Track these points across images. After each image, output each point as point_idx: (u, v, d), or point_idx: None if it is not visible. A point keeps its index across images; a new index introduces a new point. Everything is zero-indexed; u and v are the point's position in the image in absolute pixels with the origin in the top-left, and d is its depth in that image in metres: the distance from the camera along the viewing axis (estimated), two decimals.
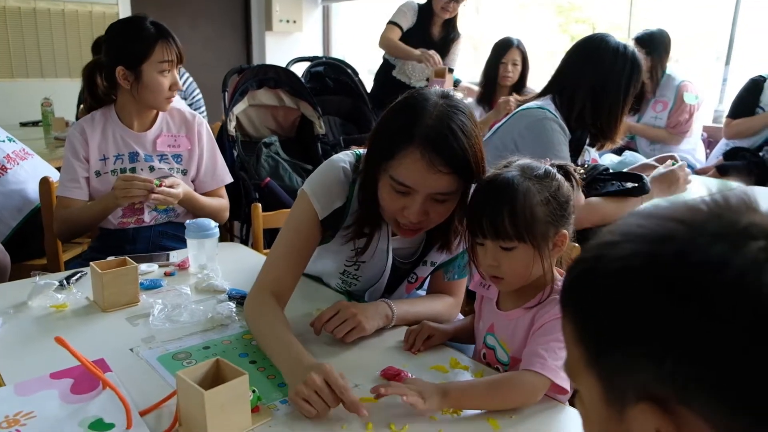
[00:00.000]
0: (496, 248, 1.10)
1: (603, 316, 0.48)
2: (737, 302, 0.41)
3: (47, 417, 0.95)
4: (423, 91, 1.21)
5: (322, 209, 1.31)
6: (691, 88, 3.44)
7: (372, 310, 1.27)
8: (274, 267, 1.31)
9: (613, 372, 0.48)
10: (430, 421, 0.97)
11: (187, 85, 3.58)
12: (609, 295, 0.48)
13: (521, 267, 1.11)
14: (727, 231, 0.44)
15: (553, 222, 1.10)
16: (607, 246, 0.49)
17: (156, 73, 1.83)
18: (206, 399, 0.87)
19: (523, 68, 3.53)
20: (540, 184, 1.09)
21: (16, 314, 1.35)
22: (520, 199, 1.07)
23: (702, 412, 0.43)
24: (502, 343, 1.18)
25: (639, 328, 0.45)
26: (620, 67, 1.81)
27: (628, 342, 0.46)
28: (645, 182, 1.80)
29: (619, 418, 0.48)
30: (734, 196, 0.47)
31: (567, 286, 0.54)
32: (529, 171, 1.11)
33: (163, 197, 1.78)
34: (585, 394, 0.53)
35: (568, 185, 1.14)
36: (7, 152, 2.35)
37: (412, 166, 1.15)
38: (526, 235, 1.07)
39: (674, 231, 0.46)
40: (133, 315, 1.35)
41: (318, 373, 0.98)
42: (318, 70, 3.28)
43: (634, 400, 0.46)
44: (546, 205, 1.08)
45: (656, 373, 0.44)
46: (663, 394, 0.44)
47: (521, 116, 1.89)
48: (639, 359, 0.45)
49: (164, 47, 1.83)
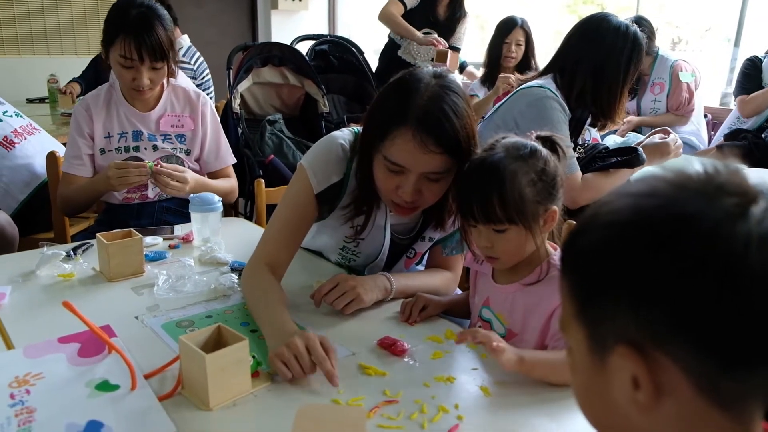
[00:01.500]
0: (488, 231, 1.12)
1: (589, 266, 0.51)
2: (709, 252, 0.44)
3: (55, 378, 0.99)
4: (416, 71, 1.23)
5: (318, 183, 1.34)
6: (685, 66, 3.45)
7: (371, 283, 1.30)
8: (270, 241, 1.34)
9: (596, 320, 0.51)
10: (423, 387, 1.00)
11: (198, 64, 3.59)
12: (595, 246, 0.51)
13: (514, 247, 1.13)
14: (706, 189, 0.47)
15: (542, 201, 1.11)
16: (602, 205, 0.52)
17: (117, 63, 1.80)
18: (207, 362, 0.90)
19: (528, 48, 3.52)
20: (526, 164, 1.10)
21: (24, 283, 1.39)
22: (508, 182, 1.08)
23: (674, 355, 0.46)
24: (498, 316, 1.21)
25: (619, 275, 0.48)
26: (621, 47, 1.82)
27: (609, 289, 0.49)
28: (639, 153, 1.82)
29: (601, 365, 0.51)
30: (721, 164, 0.49)
31: (565, 245, 0.56)
32: (515, 151, 1.11)
33: (166, 179, 1.75)
34: (574, 347, 0.55)
35: (554, 159, 1.14)
36: (14, 127, 2.38)
37: (404, 146, 1.17)
38: (516, 217, 1.09)
39: (659, 188, 0.49)
40: (138, 285, 1.39)
41: (300, 339, 1.00)
42: (323, 49, 3.29)
43: (613, 345, 0.49)
44: (534, 186, 1.10)
45: (634, 319, 0.47)
46: (639, 338, 0.47)
47: (522, 95, 1.90)
48: (618, 306, 0.48)
49: (124, 43, 1.75)
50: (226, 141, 2.08)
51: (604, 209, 0.52)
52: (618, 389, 0.50)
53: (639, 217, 0.48)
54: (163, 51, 1.79)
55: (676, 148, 1.97)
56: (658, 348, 0.46)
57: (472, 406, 0.96)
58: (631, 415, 0.50)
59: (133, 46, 1.75)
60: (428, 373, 1.05)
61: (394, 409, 0.94)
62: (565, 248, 0.56)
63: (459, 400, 0.97)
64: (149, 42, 1.76)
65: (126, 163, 1.76)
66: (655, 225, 0.47)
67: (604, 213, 0.51)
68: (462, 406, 0.95)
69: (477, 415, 0.94)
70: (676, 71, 3.44)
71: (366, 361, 1.08)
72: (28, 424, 0.87)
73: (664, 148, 1.94)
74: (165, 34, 1.80)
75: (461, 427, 0.90)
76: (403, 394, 0.98)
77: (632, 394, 0.48)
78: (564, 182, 1.15)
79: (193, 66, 3.51)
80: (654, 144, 1.98)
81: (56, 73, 4.22)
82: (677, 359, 0.46)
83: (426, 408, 0.94)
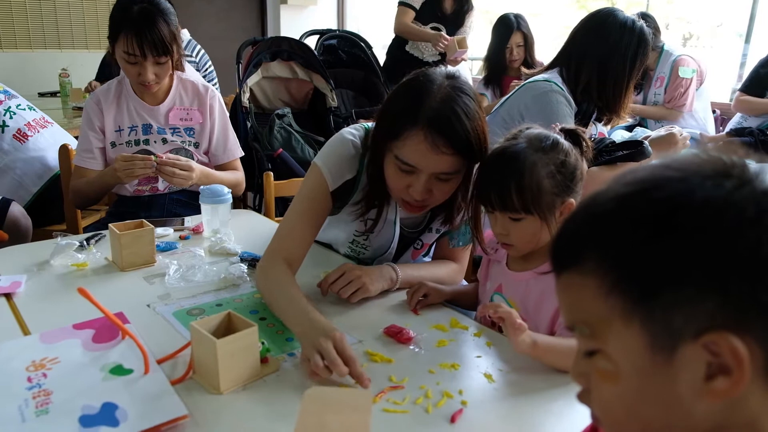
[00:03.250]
0: (504, 218, 1.16)
1: (656, 255, 0.47)
2: None
3: (71, 362, 1.02)
4: (429, 72, 1.25)
5: (333, 181, 1.36)
6: (687, 62, 3.45)
7: (377, 273, 1.32)
8: (286, 235, 1.35)
9: (666, 312, 0.47)
10: (428, 373, 1.03)
11: (200, 57, 3.62)
12: (645, 235, 0.47)
13: (529, 236, 1.17)
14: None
15: (560, 193, 1.14)
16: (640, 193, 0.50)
17: (122, 59, 1.82)
18: (218, 347, 0.93)
19: (527, 45, 3.53)
20: (547, 156, 1.13)
21: (39, 272, 1.42)
22: (527, 173, 1.11)
23: (759, 336, 0.45)
24: (510, 302, 1.23)
25: (704, 258, 0.46)
26: (627, 42, 1.83)
27: (681, 277, 0.46)
28: (645, 146, 1.83)
29: (664, 363, 0.48)
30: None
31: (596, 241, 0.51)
32: (537, 142, 1.15)
33: (171, 169, 1.77)
34: (617, 351, 0.50)
35: (576, 153, 1.17)
36: (27, 120, 2.42)
37: (416, 147, 1.19)
38: (532, 207, 1.12)
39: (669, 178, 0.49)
40: (150, 274, 1.42)
41: (328, 340, 0.99)
42: (331, 43, 3.31)
43: (692, 336, 0.46)
44: (552, 178, 1.13)
45: (720, 303, 0.45)
46: (726, 323, 0.45)
47: (528, 88, 1.92)
48: (699, 292, 0.46)
49: (127, 39, 1.77)
50: (234, 134, 2.10)
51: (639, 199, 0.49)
52: (687, 383, 0.47)
53: (721, 199, 0.46)
54: (166, 46, 1.80)
55: (682, 139, 1.98)
56: (744, 331, 0.45)
57: (475, 392, 0.98)
58: (696, 410, 0.48)
59: (135, 42, 1.77)
60: (433, 360, 1.07)
61: (399, 395, 0.96)
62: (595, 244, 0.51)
63: (463, 386, 0.99)
64: (151, 38, 1.77)
65: (132, 156, 1.79)
66: (740, 203, 0.46)
67: (650, 200, 0.49)
68: (466, 391, 0.98)
69: (481, 401, 0.96)
70: (677, 66, 3.46)
71: (372, 348, 1.10)
72: (46, 405, 0.90)
73: (671, 139, 1.95)
74: (168, 28, 1.80)
75: (465, 411, 0.93)
76: (408, 380, 1.00)
77: (704, 386, 0.46)
78: (583, 175, 1.17)
79: (195, 59, 3.54)
80: (660, 137, 1.99)
81: (68, 68, 4.26)
82: (759, 340, 0.45)
83: (431, 393, 0.97)
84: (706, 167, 0.49)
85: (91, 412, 0.88)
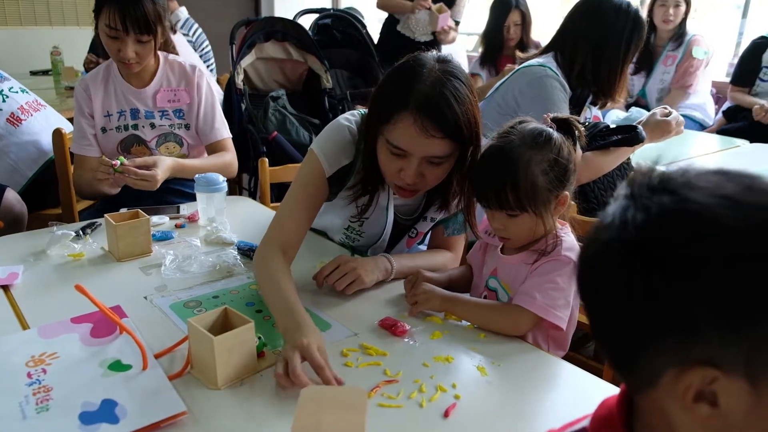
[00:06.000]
0: (501, 215, 1.19)
1: (738, 286, 0.44)
2: None
3: (70, 358, 1.03)
4: (420, 56, 1.24)
5: (329, 166, 1.36)
6: (701, 42, 3.41)
7: (371, 264, 1.33)
8: (282, 222, 1.35)
9: (762, 339, 0.44)
10: (423, 367, 1.05)
11: (197, 36, 3.58)
12: (738, 264, 0.44)
13: (525, 230, 1.20)
14: None
15: (553, 189, 1.17)
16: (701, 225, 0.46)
17: (104, 33, 1.79)
18: (215, 344, 0.94)
19: (525, 25, 3.50)
20: (541, 153, 1.15)
21: (36, 262, 1.42)
22: (521, 172, 1.13)
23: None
24: (504, 285, 1.27)
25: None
26: (621, 26, 1.82)
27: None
28: (639, 131, 1.84)
29: (758, 395, 0.46)
30: None
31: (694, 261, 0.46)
32: (531, 139, 1.16)
33: (133, 179, 1.68)
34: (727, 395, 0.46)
35: (569, 144, 1.19)
36: (20, 103, 2.39)
37: (405, 130, 1.19)
38: (528, 205, 1.15)
39: None
40: (146, 265, 1.43)
41: (295, 349, 0.98)
42: (325, 23, 3.27)
43: None
44: (546, 175, 1.15)
45: None
46: None
47: (522, 73, 1.91)
48: None
49: (109, 12, 1.74)
50: (221, 113, 2.05)
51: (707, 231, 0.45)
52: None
53: None
54: (149, 24, 1.76)
55: (677, 125, 1.98)
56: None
57: (469, 386, 1.00)
58: None
59: (118, 16, 1.73)
60: (427, 353, 1.09)
61: (394, 389, 0.98)
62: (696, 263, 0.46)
63: (457, 379, 1.01)
64: (134, 13, 1.73)
65: (102, 159, 1.73)
66: None
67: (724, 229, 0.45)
68: (459, 385, 0.99)
69: (474, 394, 0.98)
70: (691, 45, 3.40)
71: (368, 341, 1.12)
72: (46, 402, 0.91)
73: (665, 126, 1.95)
74: (153, 7, 1.77)
75: (458, 405, 0.95)
76: (402, 374, 1.02)
77: None
78: (576, 167, 1.20)
79: (192, 38, 3.50)
80: (655, 122, 1.99)
81: (59, 45, 4.20)
82: None
83: (425, 387, 0.99)
84: None
85: (91, 409, 0.90)
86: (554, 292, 1.14)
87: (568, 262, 1.16)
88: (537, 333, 1.21)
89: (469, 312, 1.20)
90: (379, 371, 1.03)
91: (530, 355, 1.11)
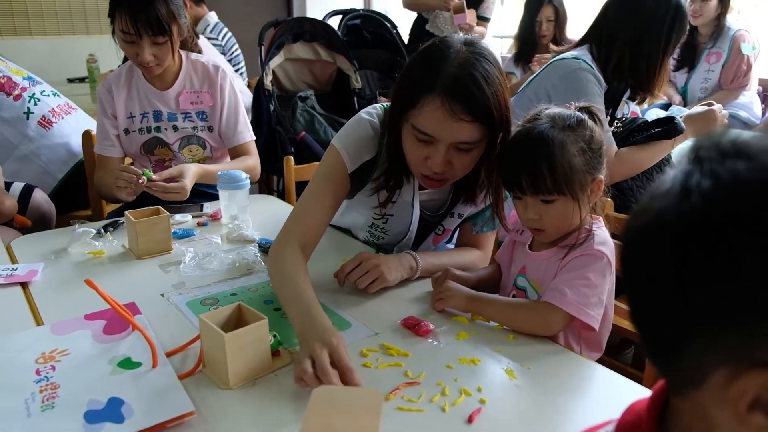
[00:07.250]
0: (536, 202, 1.12)
1: None
2: None
3: (80, 354, 1.00)
4: (446, 38, 1.19)
5: (351, 162, 1.31)
6: (747, 38, 3.25)
7: (395, 262, 1.28)
8: (301, 216, 1.30)
9: None
10: (446, 369, 0.98)
11: (226, 40, 3.59)
12: None
13: (562, 218, 1.13)
14: None
15: (590, 170, 1.11)
16: None
17: (120, 39, 1.77)
18: (226, 341, 0.90)
19: (558, 21, 3.41)
20: (574, 132, 1.10)
21: (56, 260, 1.41)
22: (558, 152, 1.07)
23: None
24: (533, 284, 1.21)
25: None
26: (662, 16, 1.72)
27: None
28: (677, 122, 1.74)
29: None
30: None
31: None
32: (561, 121, 1.11)
33: (161, 191, 1.66)
34: None
35: (599, 129, 1.14)
36: (52, 106, 2.42)
37: (432, 114, 1.13)
38: (565, 187, 1.08)
39: None
40: (166, 262, 1.40)
41: (324, 347, 0.92)
42: (355, 23, 3.24)
43: None
44: (582, 155, 1.09)
45: None
46: None
47: (555, 67, 1.83)
48: None
49: (121, 17, 1.72)
50: (245, 116, 2.01)
51: None
52: None
53: None
54: (163, 25, 1.73)
55: (721, 116, 1.87)
56: None
57: (495, 390, 0.93)
58: None
59: (130, 21, 1.71)
60: (452, 354, 1.02)
61: (415, 391, 0.92)
62: None
63: (482, 383, 0.94)
64: (146, 16, 1.70)
65: (125, 167, 1.71)
66: None
67: None
68: (485, 389, 0.93)
69: (500, 399, 0.91)
70: (737, 41, 3.23)
71: (389, 341, 1.06)
72: (52, 400, 0.88)
73: (710, 115, 1.84)
74: (166, 7, 1.74)
75: (483, 410, 0.88)
76: (425, 376, 0.96)
77: None
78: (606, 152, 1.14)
79: (221, 42, 3.51)
80: (698, 113, 1.88)
81: (95, 53, 4.28)
82: None
83: (448, 390, 0.92)
84: None
85: (96, 408, 0.86)
86: (586, 289, 1.06)
87: (600, 256, 1.08)
88: (568, 333, 1.14)
89: (496, 311, 1.13)
90: (399, 372, 0.97)
91: (562, 357, 1.03)
